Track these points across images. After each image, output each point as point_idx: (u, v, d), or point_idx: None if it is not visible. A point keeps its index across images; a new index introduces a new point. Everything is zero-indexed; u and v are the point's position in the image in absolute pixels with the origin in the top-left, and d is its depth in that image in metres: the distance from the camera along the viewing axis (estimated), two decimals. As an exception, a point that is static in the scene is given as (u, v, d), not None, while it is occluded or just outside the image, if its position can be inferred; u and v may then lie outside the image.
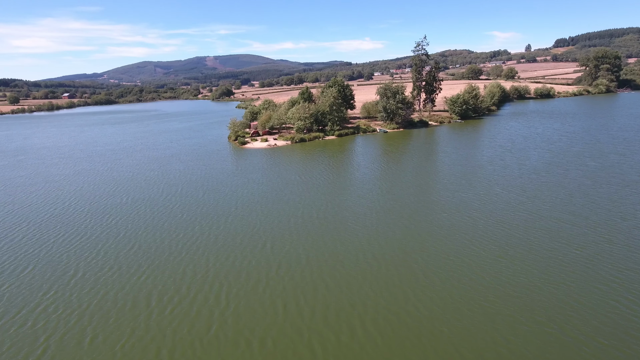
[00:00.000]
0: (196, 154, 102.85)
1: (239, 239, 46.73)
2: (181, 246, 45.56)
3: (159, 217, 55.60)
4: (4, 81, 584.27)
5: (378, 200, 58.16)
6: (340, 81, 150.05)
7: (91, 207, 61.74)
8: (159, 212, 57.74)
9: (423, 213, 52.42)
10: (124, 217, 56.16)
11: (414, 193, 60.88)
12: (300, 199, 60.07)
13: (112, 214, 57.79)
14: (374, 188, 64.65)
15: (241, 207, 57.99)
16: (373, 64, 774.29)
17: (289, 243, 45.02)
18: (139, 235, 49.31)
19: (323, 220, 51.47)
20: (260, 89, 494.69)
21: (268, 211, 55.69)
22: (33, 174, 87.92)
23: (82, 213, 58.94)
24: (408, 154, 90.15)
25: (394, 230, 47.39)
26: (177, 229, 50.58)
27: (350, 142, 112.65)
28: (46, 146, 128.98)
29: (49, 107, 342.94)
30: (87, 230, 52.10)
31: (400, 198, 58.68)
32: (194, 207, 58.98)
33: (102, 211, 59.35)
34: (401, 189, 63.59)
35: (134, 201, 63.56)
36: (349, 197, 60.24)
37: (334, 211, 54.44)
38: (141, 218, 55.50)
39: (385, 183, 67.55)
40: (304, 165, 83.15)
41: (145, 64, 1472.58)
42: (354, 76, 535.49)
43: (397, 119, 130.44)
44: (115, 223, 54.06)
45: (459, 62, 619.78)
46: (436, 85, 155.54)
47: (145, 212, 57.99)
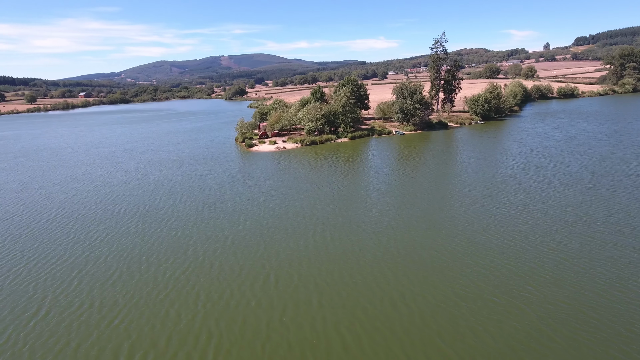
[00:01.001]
0: (201, 157, 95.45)
1: (238, 268, 38.63)
2: (168, 277, 37.66)
3: (149, 235, 47.89)
4: (24, 80, 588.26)
5: (399, 218, 49.49)
6: (354, 80, 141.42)
7: (77, 220, 54.40)
8: (150, 228, 50.03)
9: (455, 238, 43.69)
10: (110, 235, 48.58)
11: (439, 208, 51.97)
12: (312, 214, 51.78)
13: (98, 230, 50.28)
14: (393, 202, 55.93)
15: (244, 223, 49.89)
16: (387, 63, 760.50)
17: (298, 275, 36.71)
18: (122, 261, 41.60)
19: (338, 242, 43.00)
20: (273, 89, 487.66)
21: (274, 229, 47.48)
22: (28, 178, 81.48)
23: (66, 228, 51.59)
24: (428, 160, 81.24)
25: (421, 262, 38.85)
26: (166, 253, 42.70)
27: (364, 145, 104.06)
28: (50, 147, 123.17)
29: (64, 106, 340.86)
30: (65, 250, 44.64)
31: (425, 214, 49.88)
32: (191, 223, 51.11)
33: (88, 226, 51.92)
34: (424, 201, 54.71)
35: (126, 214, 56.04)
36: (365, 213, 51.69)
37: (349, 230, 45.97)
38: (130, 237, 47.82)
39: (405, 195, 58.73)
40: (315, 172, 74.90)
41: (161, 64, 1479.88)
42: (368, 75, 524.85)
43: (415, 120, 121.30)
44: (99, 242, 46.50)
45: (475, 60, 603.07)
46: (455, 84, 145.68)
47: (135, 229, 50.32)
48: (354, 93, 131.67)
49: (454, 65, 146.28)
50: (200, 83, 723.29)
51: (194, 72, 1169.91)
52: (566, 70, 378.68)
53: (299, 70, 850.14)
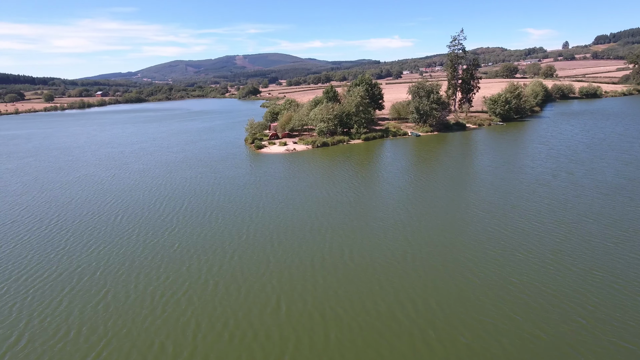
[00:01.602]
0: (209, 158, 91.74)
1: (243, 290, 34.12)
2: (165, 300, 33.37)
3: (148, 247, 43.90)
4: (43, 79, 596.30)
5: (418, 232, 44.62)
6: (368, 79, 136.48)
7: (74, 228, 50.82)
8: (149, 239, 46.07)
9: (485, 260, 38.67)
10: (106, 246, 44.75)
11: (463, 221, 46.87)
12: (325, 225, 47.18)
13: (94, 240, 46.50)
14: (412, 212, 50.99)
15: (250, 235, 45.55)
16: (402, 62, 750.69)
17: (312, 300, 32.09)
18: (117, 277, 37.59)
19: (356, 260, 38.30)
20: (286, 88, 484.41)
21: (283, 243, 43.06)
22: (32, 180, 78.72)
23: (62, 237, 47.98)
24: (448, 164, 76.00)
25: (449, 290, 34.05)
26: (164, 270, 38.50)
27: (379, 147, 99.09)
28: (60, 147, 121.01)
29: (80, 105, 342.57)
30: (57, 263, 40.91)
31: (448, 228, 44.88)
32: (192, 233, 46.90)
33: (84, 235, 48.23)
34: (446, 213, 49.67)
35: (125, 222, 52.27)
36: (382, 224, 46.85)
37: (367, 245, 41.26)
38: (127, 249, 43.92)
39: (424, 205, 53.70)
40: (326, 177, 70.36)
41: (177, 63, 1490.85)
42: (382, 75, 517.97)
43: (431, 121, 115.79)
44: (95, 255, 42.67)
45: (492, 60, 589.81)
46: (474, 83, 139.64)
47: (133, 239, 46.43)
48: (368, 92, 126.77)
49: (472, 63, 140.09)
50: (214, 82, 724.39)
51: (209, 72, 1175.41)
52: (586, 70, 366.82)
53: (312, 70, 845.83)
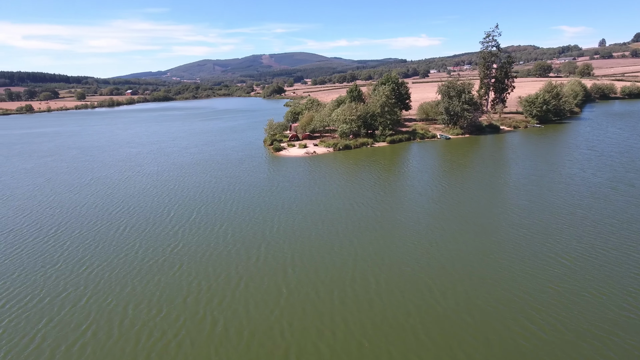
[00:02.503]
0: (226, 161, 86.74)
1: (245, 336, 27.94)
2: (145, 341, 27.48)
3: (145, 269, 38.21)
4: (77, 78, 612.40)
5: (456, 259, 37.53)
6: (394, 77, 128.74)
7: (73, 240, 45.93)
8: (149, 259, 40.50)
9: (545, 303, 31.51)
10: (100, 267, 39.24)
11: (510, 241, 39.39)
12: (349, 246, 40.62)
13: (90, 257, 41.26)
14: (447, 229, 43.68)
15: (261, 258, 39.27)
16: (429, 61, 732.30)
17: (330, 354, 25.87)
18: (104, 308, 32.01)
19: (386, 297, 31.69)
20: (311, 87, 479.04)
21: (299, 270, 36.57)
22: (44, 182, 75.50)
23: (57, 251, 43.02)
24: (484, 171, 68.19)
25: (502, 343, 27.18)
26: (159, 300, 32.60)
27: (405, 151, 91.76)
28: (80, 146, 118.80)
29: (109, 103, 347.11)
30: (43, 286, 35.66)
31: (492, 253, 37.57)
32: (199, 253, 41.03)
33: (81, 250, 43.13)
34: (488, 234, 42.30)
35: (128, 234, 47.18)
36: (414, 246, 39.87)
37: (396, 282, 34.66)
38: (121, 270, 38.38)
39: (461, 222, 46.22)
40: (349, 184, 63.73)
41: (205, 62, 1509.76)
42: (408, 74, 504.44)
43: (462, 123, 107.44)
44: (86, 276, 37.26)
45: (523, 58, 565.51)
46: (508, 82, 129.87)
47: (131, 258, 40.90)
48: (394, 92, 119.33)
49: (507, 61, 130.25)
50: (241, 81, 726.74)
51: (236, 71, 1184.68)
52: (625, 69, 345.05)
53: (338, 69, 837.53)
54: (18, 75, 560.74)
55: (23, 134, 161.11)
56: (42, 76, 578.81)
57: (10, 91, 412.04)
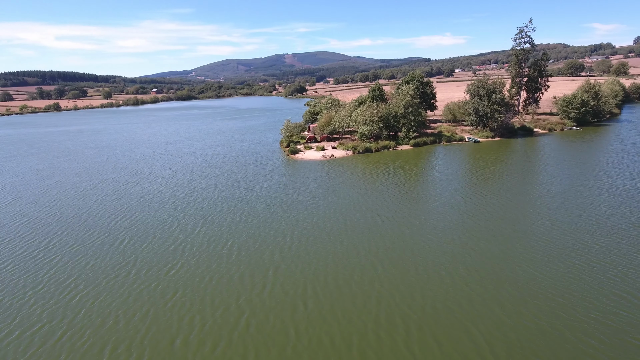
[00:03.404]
0: (240, 164, 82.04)
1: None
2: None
3: (133, 297, 33.01)
4: (105, 77, 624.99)
5: (504, 296, 31.31)
6: (419, 76, 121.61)
7: (62, 256, 41.22)
8: (141, 283, 35.36)
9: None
10: (84, 292, 34.30)
11: (552, 273, 32.95)
12: (370, 272, 34.68)
13: (75, 279, 36.41)
14: (480, 254, 37.27)
15: (268, 287, 33.71)
16: (454, 60, 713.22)
17: None
18: (79, 347, 27.36)
19: (416, 345, 25.80)
20: (333, 86, 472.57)
21: (312, 306, 30.89)
22: (53, 184, 72.37)
23: (42, 269, 38.33)
24: (521, 181, 60.89)
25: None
26: (139, 344, 27.33)
27: (430, 155, 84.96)
28: (98, 146, 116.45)
29: (134, 102, 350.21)
30: (12, 318, 30.87)
31: (543, 289, 31.06)
32: (199, 278, 35.69)
33: (67, 269, 38.40)
34: (537, 257, 35.63)
35: (124, 251, 42.28)
36: (452, 279, 33.84)
37: (431, 317, 28.58)
38: (106, 297, 33.33)
39: (498, 247, 39.91)
40: (369, 193, 57.44)
41: (229, 62, 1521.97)
42: (432, 73, 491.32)
43: (492, 125, 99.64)
44: (64, 306, 32.27)
45: (553, 57, 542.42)
46: (542, 81, 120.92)
47: (120, 282, 35.86)
48: (419, 91, 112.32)
49: (541, 58, 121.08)
50: (264, 80, 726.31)
51: (259, 70, 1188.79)
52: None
53: (361, 68, 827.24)
54: (50, 75, 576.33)
55: (47, 132, 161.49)
56: (72, 75, 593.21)
57: (41, 90, 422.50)
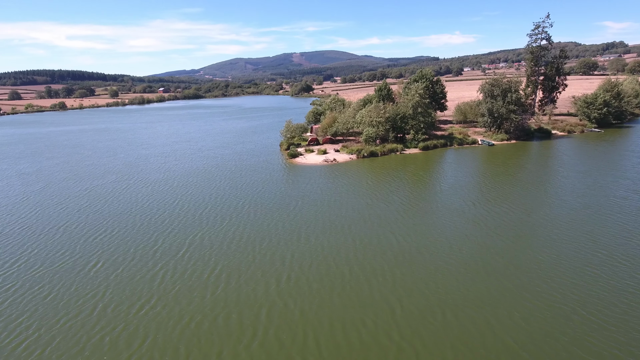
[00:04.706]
0: (239, 168, 75.74)
1: None
2: None
3: (91, 349, 27.14)
4: (114, 76, 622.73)
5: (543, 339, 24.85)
6: (429, 74, 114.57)
7: (20, 285, 34.95)
8: (108, 324, 28.74)
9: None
10: (36, 335, 28.34)
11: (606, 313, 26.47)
12: (382, 312, 28.02)
13: (30, 316, 30.23)
14: (517, 278, 30.83)
15: (261, 334, 27.25)
16: (462, 58, 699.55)
17: None
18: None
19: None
20: (340, 85, 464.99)
21: (319, 357, 24.72)
22: (37, 190, 66.02)
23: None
24: (545, 190, 53.98)
25: None
26: None
27: (440, 159, 78.18)
28: (94, 147, 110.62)
29: (140, 100, 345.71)
30: None
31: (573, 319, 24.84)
32: (175, 317, 29.23)
33: (24, 304, 32.29)
34: (565, 280, 29.37)
35: (93, 278, 35.68)
36: (462, 295, 27.65)
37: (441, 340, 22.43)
38: (61, 346, 27.75)
39: (522, 268, 33.19)
40: (374, 203, 50.57)
41: (237, 61, 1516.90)
42: (441, 72, 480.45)
43: (507, 127, 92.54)
44: (17, 345, 26.35)
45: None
46: (560, 80, 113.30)
47: (83, 323, 29.38)
48: (429, 90, 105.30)
49: (559, 55, 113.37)
50: (271, 79, 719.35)
51: (267, 69, 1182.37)
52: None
53: (368, 67, 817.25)
54: (59, 74, 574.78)
55: (48, 132, 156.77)
56: (81, 74, 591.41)
57: (49, 88, 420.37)
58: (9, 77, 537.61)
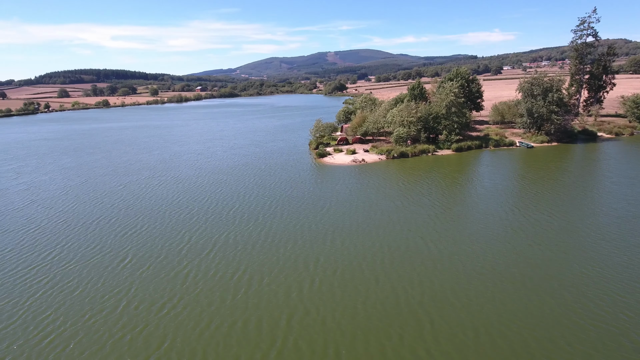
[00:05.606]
0: (269, 166, 75.17)
1: None
2: None
3: (113, 343, 26.35)
4: (154, 75, 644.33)
5: None
6: (464, 72, 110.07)
7: (55, 275, 35.56)
8: (132, 320, 28.56)
9: None
10: (68, 323, 28.05)
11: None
12: (409, 327, 26.02)
13: (61, 305, 30.48)
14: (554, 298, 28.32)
15: (282, 340, 25.97)
16: (502, 57, 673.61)
17: None
18: None
19: None
20: (374, 84, 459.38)
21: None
22: (78, 185, 68.59)
23: (28, 292, 32.98)
24: (586, 197, 50.16)
25: None
26: None
27: (475, 161, 74.49)
28: (134, 142, 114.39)
29: (178, 99, 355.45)
30: None
31: None
32: (197, 317, 28.53)
33: (55, 292, 32.55)
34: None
35: (122, 272, 35.71)
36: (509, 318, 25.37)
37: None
38: (91, 337, 26.84)
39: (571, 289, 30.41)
40: (408, 208, 48.44)
41: (272, 60, 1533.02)
42: (479, 70, 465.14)
43: (548, 128, 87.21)
44: (43, 338, 26.33)
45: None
46: (607, 79, 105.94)
47: (110, 315, 29.61)
48: (464, 89, 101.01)
49: (606, 53, 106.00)
50: (305, 78, 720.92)
51: (301, 68, 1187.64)
52: None
53: (403, 66, 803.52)
54: (104, 72, 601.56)
55: (92, 128, 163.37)
56: (124, 73, 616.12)
57: (95, 87, 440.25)
58: (59, 76, 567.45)
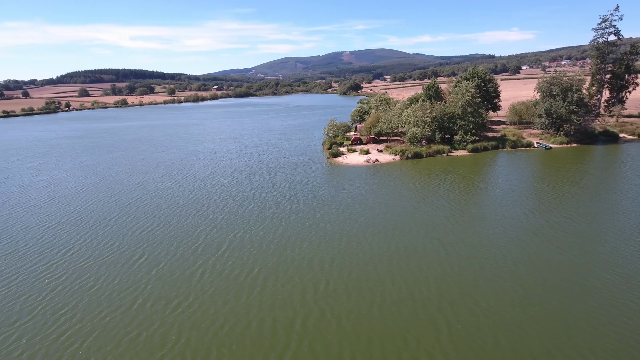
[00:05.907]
0: (282, 165, 75.01)
1: None
2: None
3: (129, 341, 26.32)
4: (172, 75, 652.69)
5: None
6: (481, 72, 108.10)
7: (72, 272, 35.82)
8: (147, 318, 28.52)
9: None
10: (85, 320, 28.27)
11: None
12: (425, 331, 25.41)
13: (79, 301, 30.73)
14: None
15: (296, 342, 25.63)
16: (521, 56, 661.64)
17: None
18: None
19: None
20: (390, 84, 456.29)
21: None
22: (96, 182, 69.63)
23: (47, 288, 33.27)
24: (610, 201, 48.33)
25: None
26: None
27: (491, 162, 72.93)
28: (151, 139, 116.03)
29: (194, 98, 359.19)
30: None
31: None
32: (212, 317, 28.38)
33: (72, 289, 32.75)
34: None
35: (137, 269, 35.91)
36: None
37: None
38: (106, 335, 27.02)
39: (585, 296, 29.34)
40: (423, 208, 47.73)
41: (287, 60, 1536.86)
42: (497, 70, 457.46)
43: (567, 129, 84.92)
44: (59, 335, 26.52)
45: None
46: (629, 79, 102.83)
47: (126, 313, 29.53)
48: (480, 89, 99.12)
49: (629, 52, 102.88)
50: (320, 78, 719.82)
51: (317, 68, 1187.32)
52: None
53: (419, 65, 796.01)
54: (123, 72, 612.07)
55: (110, 127, 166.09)
56: (142, 73, 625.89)
57: (114, 86, 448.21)
58: (79, 75, 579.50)
